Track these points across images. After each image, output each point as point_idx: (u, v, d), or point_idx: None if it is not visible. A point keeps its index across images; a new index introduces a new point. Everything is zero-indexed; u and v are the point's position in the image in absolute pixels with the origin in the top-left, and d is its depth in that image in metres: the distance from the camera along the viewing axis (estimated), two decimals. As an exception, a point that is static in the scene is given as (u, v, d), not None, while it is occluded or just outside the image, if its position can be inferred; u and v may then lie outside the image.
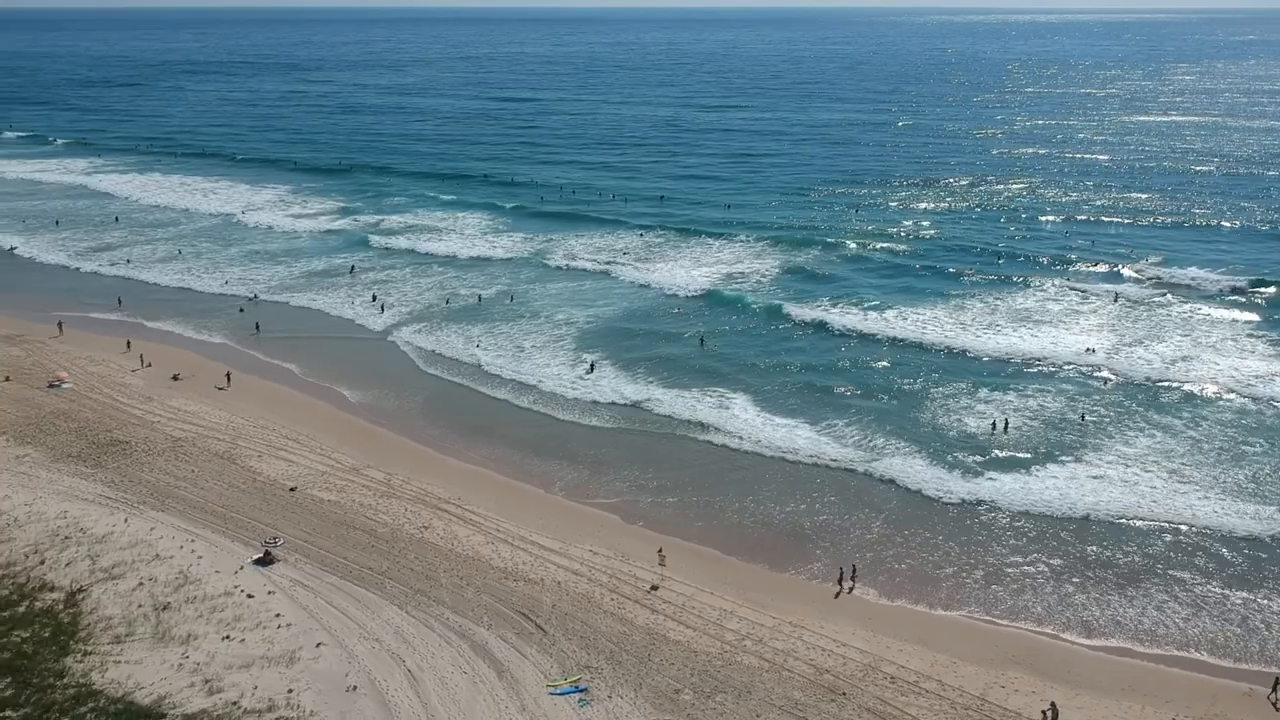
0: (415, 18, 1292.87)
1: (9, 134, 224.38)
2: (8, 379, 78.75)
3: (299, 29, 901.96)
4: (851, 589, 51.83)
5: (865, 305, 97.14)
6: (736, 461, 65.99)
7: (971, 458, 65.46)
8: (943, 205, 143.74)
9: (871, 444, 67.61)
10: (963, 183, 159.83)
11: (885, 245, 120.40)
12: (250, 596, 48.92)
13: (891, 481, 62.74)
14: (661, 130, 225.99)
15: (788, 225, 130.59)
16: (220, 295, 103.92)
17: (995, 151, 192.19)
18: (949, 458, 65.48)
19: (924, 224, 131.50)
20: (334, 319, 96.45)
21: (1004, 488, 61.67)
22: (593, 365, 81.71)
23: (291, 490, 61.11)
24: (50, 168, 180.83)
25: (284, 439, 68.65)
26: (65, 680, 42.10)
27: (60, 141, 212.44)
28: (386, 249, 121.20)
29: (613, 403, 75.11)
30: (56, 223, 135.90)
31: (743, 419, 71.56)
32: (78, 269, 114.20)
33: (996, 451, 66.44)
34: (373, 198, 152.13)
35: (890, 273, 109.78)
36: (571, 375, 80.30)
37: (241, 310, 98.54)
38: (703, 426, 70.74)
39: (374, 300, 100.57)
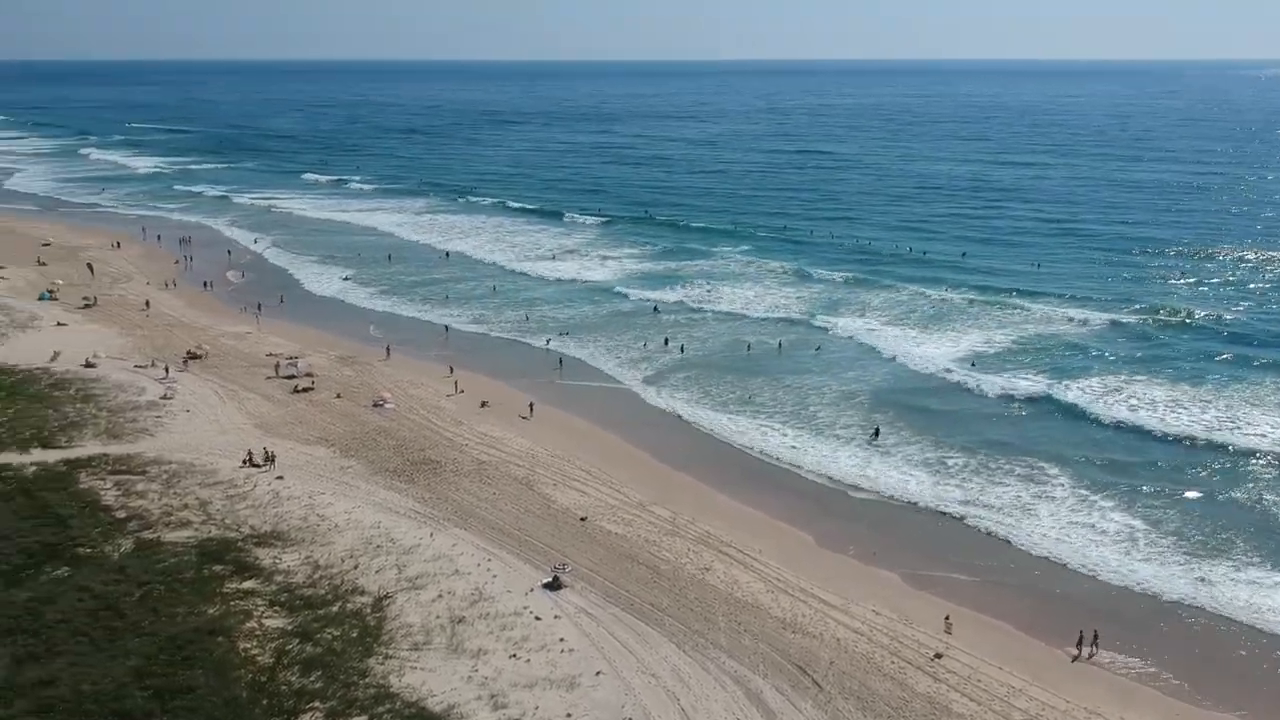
0: (724, 71, 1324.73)
1: (321, 176, 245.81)
2: (339, 396, 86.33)
3: (617, 81, 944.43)
4: (1092, 655, 49.13)
5: (1185, 388, 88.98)
6: (1033, 553, 61.13)
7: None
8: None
9: (1195, 542, 61.75)
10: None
11: (1212, 322, 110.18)
12: (538, 618, 50.79)
13: (1210, 582, 57.10)
14: (969, 187, 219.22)
15: (1100, 295, 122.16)
16: (527, 331, 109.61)
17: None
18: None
19: (1261, 300, 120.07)
20: (629, 359, 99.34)
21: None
22: (878, 430, 79.69)
23: (582, 520, 63.17)
24: (386, 206, 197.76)
25: (578, 470, 71.19)
26: (367, 680, 45.12)
27: (376, 186, 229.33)
28: (681, 301, 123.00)
29: (899, 474, 72.18)
30: (389, 257, 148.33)
31: (1047, 510, 66.23)
32: (404, 301, 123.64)
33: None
34: (671, 247, 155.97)
35: (1217, 356, 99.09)
36: (859, 438, 78.42)
37: (548, 342, 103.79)
38: (998, 509, 66.47)
39: (666, 344, 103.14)
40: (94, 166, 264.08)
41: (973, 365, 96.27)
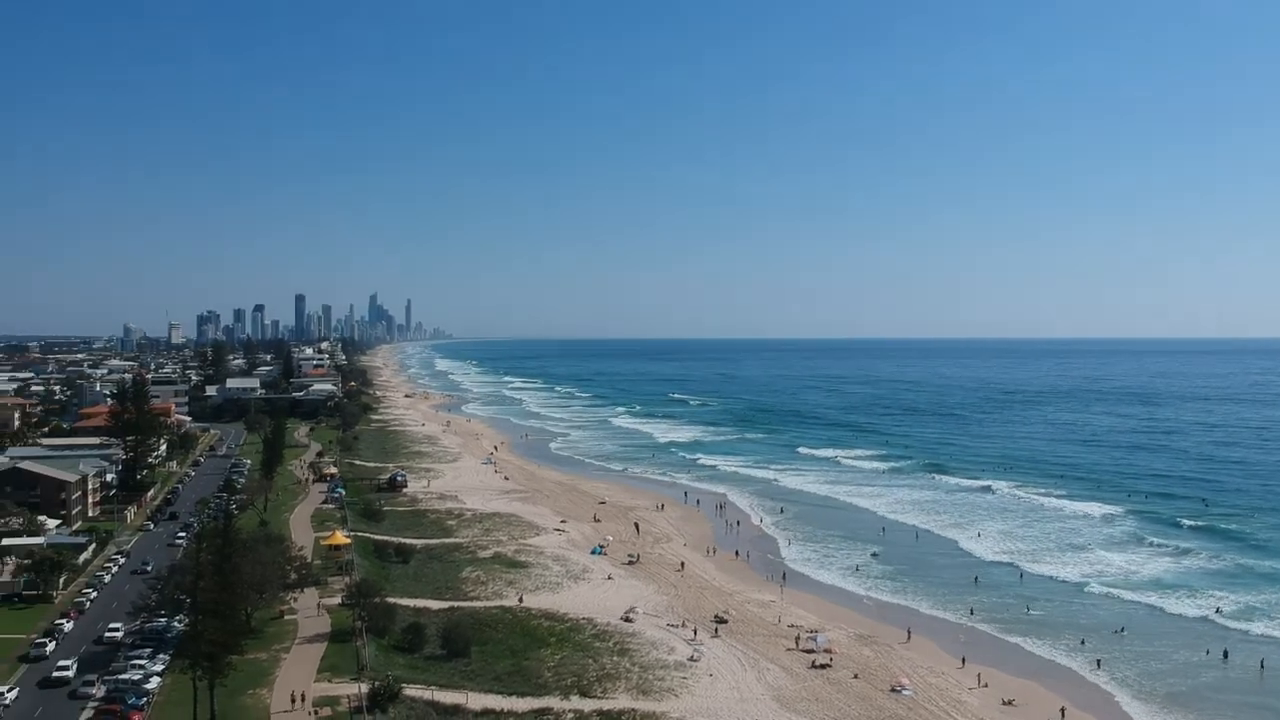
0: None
1: (834, 451, 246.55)
2: (856, 676, 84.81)
3: (1164, 360, 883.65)
4: None
5: None
6: None
7: None
8: None
9: None
10: None
11: None
12: None
13: None
14: None
15: None
16: (1055, 628, 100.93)
17: None
18: None
19: None
20: (1188, 670, 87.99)
21: None
22: None
23: None
24: (916, 484, 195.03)
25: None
26: None
27: (891, 465, 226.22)
28: (1251, 614, 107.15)
29: None
30: (915, 537, 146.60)
31: None
32: (924, 584, 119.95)
33: None
34: (1228, 549, 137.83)
35: None
36: None
37: (1083, 643, 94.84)
38: None
39: (1225, 658, 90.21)
40: (623, 435, 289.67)
41: None
